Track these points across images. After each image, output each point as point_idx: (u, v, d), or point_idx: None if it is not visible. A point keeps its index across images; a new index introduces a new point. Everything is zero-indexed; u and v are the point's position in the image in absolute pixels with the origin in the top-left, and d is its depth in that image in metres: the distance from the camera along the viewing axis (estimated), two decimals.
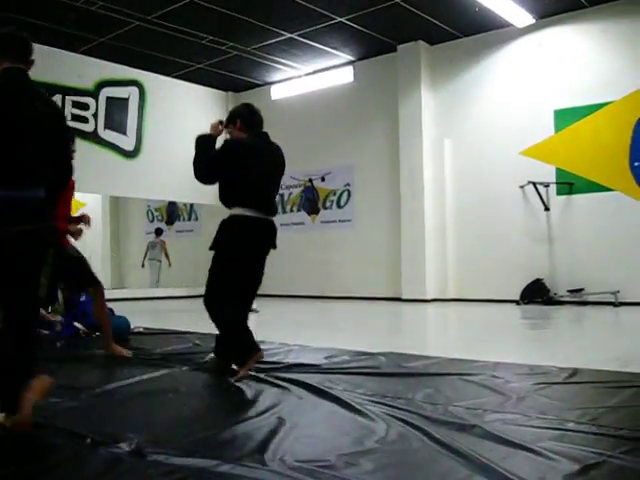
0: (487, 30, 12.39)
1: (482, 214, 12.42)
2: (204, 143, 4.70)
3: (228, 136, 4.86)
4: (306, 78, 15.01)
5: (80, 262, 5.65)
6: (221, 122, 4.77)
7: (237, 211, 4.51)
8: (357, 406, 3.47)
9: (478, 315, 10.19)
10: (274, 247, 4.75)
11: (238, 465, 2.51)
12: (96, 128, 13.85)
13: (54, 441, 2.87)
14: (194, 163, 4.68)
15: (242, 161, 4.52)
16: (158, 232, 18.35)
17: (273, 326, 8.29)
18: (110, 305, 8.30)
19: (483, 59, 12.63)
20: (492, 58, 12.53)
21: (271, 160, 4.74)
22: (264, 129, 4.81)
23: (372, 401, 3.59)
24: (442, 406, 3.46)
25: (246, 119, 4.72)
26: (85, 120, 13.55)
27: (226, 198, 4.62)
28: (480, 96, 12.67)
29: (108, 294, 13.27)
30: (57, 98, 13.38)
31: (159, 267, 17.97)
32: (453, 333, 8.61)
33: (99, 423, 3.21)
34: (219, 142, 4.77)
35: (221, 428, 3.10)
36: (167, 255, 18.12)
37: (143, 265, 18.12)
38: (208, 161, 4.61)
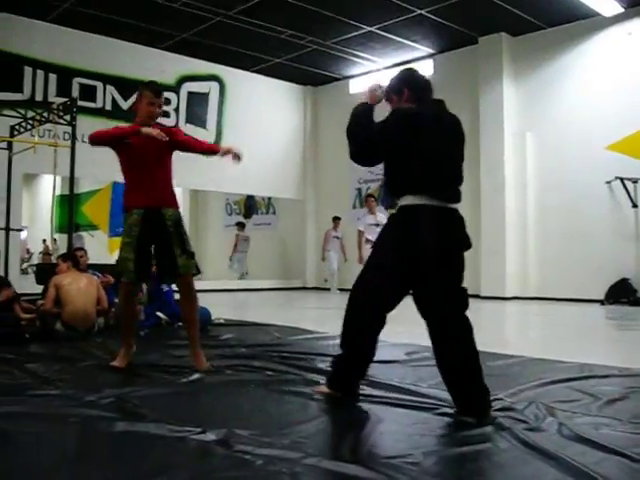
0: (573, 20, 12.03)
1: (566, 210, 12.07)
2: (363, 115, 3.54)
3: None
4: (385, 72, 14.91)
5: None
6: (379, 86, 3.63)
7: (407, 201, 3.39)
8: (442, 403, 3.42)
9: (561, 314, 9.94)
10: (465, 246, 3.45)
11: (324, 459, 2.50)
12: (177, 122, 14.12)
13: (142, 429, 2.93)
14: (351, 139, 3.53)
15: (415, 135, 3.37)
16: (242, 225, 18.45)
17: None
18: None
19: (568, 50, 12.27)
20: (578, 49, 12.16)
21: (451, 133, 3.55)
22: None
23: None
24: (528, 407, 3.37)
25: (415, 86, 3.60)
26: (167, 115, 13.84)
27: (394, 184, 3.54)
28: (564, 88, 12.32)
29: None
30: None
31: (246, 259, 18.05)
32: (535, 332, 8.41)
33: (185, 412, 3.26)
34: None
35: (306, 420, 3.11)
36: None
37: (231, 258, 18.18)
38: (372, 138, 3.47)
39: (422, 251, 3.29)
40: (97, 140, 4.65)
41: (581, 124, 11.97)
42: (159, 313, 6.97)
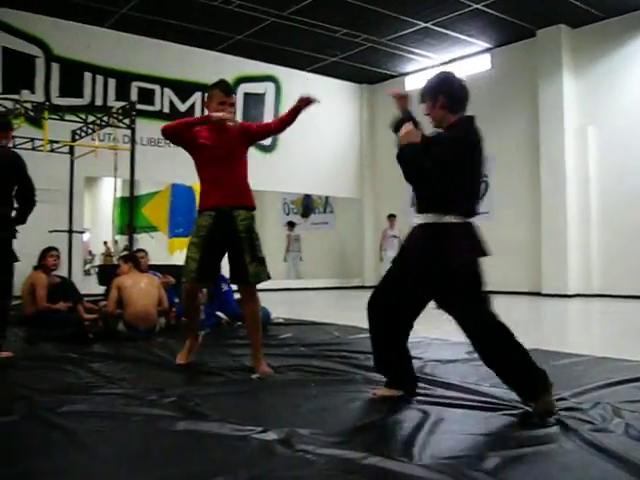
0: (635, 9, 11.70)
1: (630, 206, 11.74)
2: (412, 155, 3.38)
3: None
4: (441, 68, 14.76)
5: None
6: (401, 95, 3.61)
7: (434, 219, 3.34)
8: (504, 403, 3.36)
9: (626, 312, 9.67)
10: (484, 254, 3.38)
11: (386, 458, 2.48)
12: None
13: (204, 428, 2.95)
14: (404, 171, 3.41)
15: (464, 167, 3.31)
16: (292, 225, 18.55)
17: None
18: None
19: (630, 40, 11.94)
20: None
21: (482, 152, 3.41)
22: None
23: (517, 400, 3.46)
24: (593, 407, 3.28)
25: (451, 94, 3.41)
26: None
27: (426, 201, 3.43)
28: (627, 80, 11.99)
29: None
30: (197, 96, 13.89)
31: (298, 259, 18.11)
32: (599, 330, 8.22)
33: (246, 411, 3.28)
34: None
35: (366, 420, 3.09)
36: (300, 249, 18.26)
37: (285, 259, 18.29)
38: (422, 172, 3.34)
39: (451, 267, 3.28)
40: (170, 130, 4.53)
41: None
42: (219, 313, 7.03)
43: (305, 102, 4.54)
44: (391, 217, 14.82)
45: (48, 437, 2.85)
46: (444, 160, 3.27)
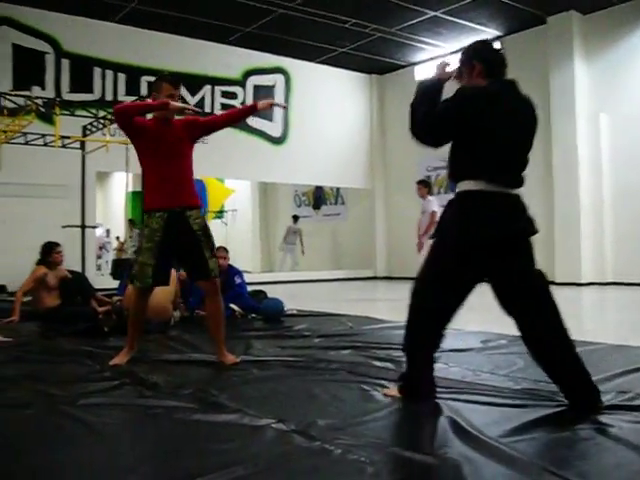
0: None
1: None
2: (429, 91, 3.25)
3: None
4: (451, 56, 14.68)
5: None
6: (447, 64, 3.35)
7: (464, 186, 3.16)
8: (517, 394, 3.36)
9: None
10: (529, 233, 3.20)
11: (403, 448, 2.50)
12: None
13: (222, 419, 2.97)
14: (412, 113, 3.23)
15: (479, 116, 3.10)
16: (296, 218, 18.64)
17: None
18: (261, 288, 8.56)
19: None
20: None
21: (522, 115, 3.24)
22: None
23: (533, 388, 3.46)
24: (610, 394, 3.27)
25: (488, 60, 3.27)
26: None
27: (452, 167, 3.28)
28: (639, 66, 11.89)
29: (258, 277, 13.69)
30: (207, 89, 13.91)
31: (296, 251, 18.19)
32: (614, 318, 8.17)
33: (263, 402, 3.29)
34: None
35: (383, 410, 3.09)
36: (301, 242, 18.33)
37: (280, 248, 18.54)
38: (435, 115, 3.16)
39: (486, 241, 3.07)
40: (122, 109, 4.37)
41: None
42: (232, 305, 7.04)
43: (264, 105, 4.50)
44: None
45: (67, 430, 2.88)
46: (447, 109, 3.14)
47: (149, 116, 4.53)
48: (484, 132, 3.12)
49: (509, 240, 3.11)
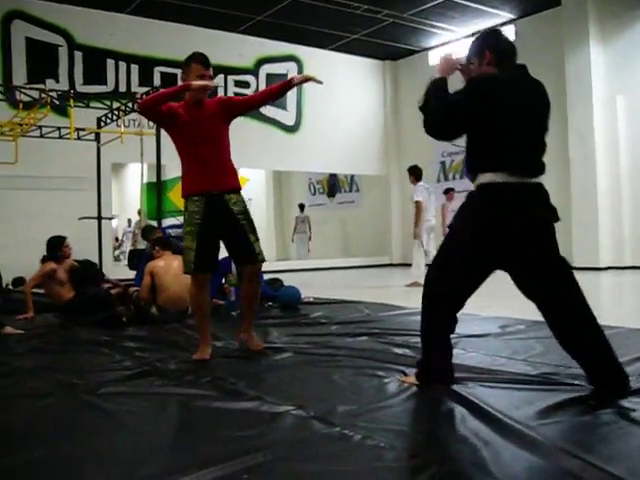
0: None
1: None
2: (436, 87, 3.25)
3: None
4: (464, 41, 14.58)
5: None
6: (450, 55, 3.39)
7: (486, 178, 3.10)
8: (536, 378, 3.34)
9: None
10: (551, 220, 3.16)
11: (421, 433, 2.50)
12: None
13: (241, 406, 2.98)
14: (425, 112, 3.25)
15: (493, 103, 3.08)
16: (302, 207, 18.72)
17: None
18: (277, 276, 8.56)
19: None
20: None
21: (534, 101, 3.22)
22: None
23: (552, 372, 3.44)
24: (631, 378, 3.23)
25: (498, 49, 3.27)
26: None
27: (472, 159, 3.27)
28: None
29: (273, 266, 13.69)
30: (220, 78, 13.88)
31: (307, 240, 18.30)
32: (632, 302, 8.12)
33: (281, 389, 3.30)
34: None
35: (401, 396, 3.09)
36: (310, 228, 18.40)
37: (293, 240, 18.63)
38: (446, 106, 3.17)
39: (508, 232, 3.05)
40: (146, 103, 4.28)
41: None
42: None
43: (299, 79, 4.38)
44: (449, 191, 13.57)
45: (88, 418, 2.90)
46: (459, 100, 3.15)
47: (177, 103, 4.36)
48: (499, 118, 3.09)
49: (532, 228, 3.08)
